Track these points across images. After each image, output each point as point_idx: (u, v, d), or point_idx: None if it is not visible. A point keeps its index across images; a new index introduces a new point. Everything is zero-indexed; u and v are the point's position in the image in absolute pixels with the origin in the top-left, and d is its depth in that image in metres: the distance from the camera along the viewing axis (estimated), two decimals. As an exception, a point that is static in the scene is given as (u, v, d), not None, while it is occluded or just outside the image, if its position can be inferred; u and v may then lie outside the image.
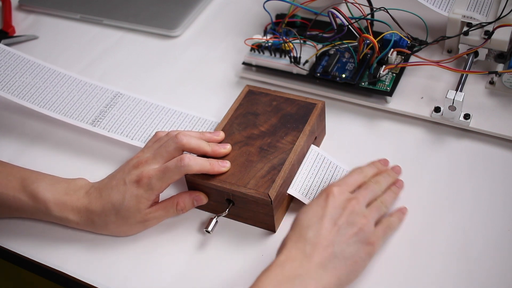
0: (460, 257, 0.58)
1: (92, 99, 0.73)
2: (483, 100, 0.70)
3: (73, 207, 0.61)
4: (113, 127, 0.70)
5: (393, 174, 0.62)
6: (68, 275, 0.61)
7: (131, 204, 0.59)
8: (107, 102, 0.72)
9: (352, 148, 0.69)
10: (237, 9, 0.91)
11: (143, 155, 0.61)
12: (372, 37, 0.69)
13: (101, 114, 0.70)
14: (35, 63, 0.76)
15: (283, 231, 0.62)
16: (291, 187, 0.61)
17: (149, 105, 0.72)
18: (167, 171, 0.59)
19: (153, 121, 0.70)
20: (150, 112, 0.71)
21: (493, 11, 0.72)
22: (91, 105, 0.72)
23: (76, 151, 0.72)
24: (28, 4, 0.96)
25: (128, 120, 0.70)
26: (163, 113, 0.71)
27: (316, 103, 0.67)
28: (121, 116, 0.71)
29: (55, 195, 0.61)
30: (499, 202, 0.62)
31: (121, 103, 0.72)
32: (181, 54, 0.85)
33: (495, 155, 0.66)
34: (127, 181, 0.59)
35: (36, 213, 0.62)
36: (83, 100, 0.72)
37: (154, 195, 0.59)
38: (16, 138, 0.75)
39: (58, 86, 0.74)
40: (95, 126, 0.70)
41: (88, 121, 0.70)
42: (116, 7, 0.92)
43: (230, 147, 0.62)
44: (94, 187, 0.62)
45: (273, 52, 0.75)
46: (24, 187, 0.61)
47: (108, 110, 0.71)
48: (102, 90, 0.74)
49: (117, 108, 0.71)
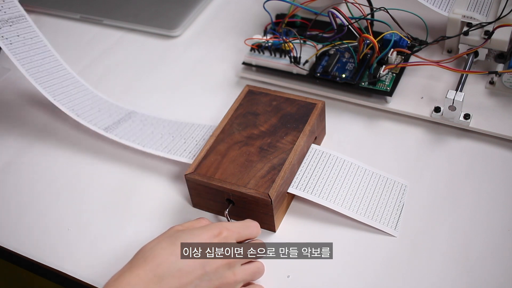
0: (460, 257, 0.58)
1: (105, 113, 0.72)
2: (483, 100, 0.70)
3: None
4: (124, 136, 0.69)
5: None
6: (68, 275, 0.61)
7: None
8: (120, 117, 0.72)
9: (352, 148, 0.69)
10: (237, 9, 0.91)
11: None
12: (372, 37, 0.69)
13: (113, 124, 0.70)
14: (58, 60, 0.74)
15: (283, 231, 0.62)
16: (292, 186, 0.61)
17: (163, 121, 0.72)
18: None
19: (167, 131, 0.70)
20: (167, 126, 0.71)
21: (493, 11, 0.72)
22: (103, 117, 0.72)
23: (76, 150, 0.72)
24: (28, 4, 0.96)
25: (142, 131, 0.70)
26: (182, 127, 0.71)
27: (316, 103, 0.67)
28: (135, 128, 0.70)
29: None
30: (499, 202, 0.62)
31: (135, 118, 0.72)
32: (181, 54, 0.85)
33: (495, 155, 0.66)
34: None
35: None
36: (95, 111, 0.72)
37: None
38: (16, 138, 0.75)
39: (74, 91, 0.73)
40: (107, 132, 0.69)
41: (101, 127, 0.70)
42: (116, 7, 0.92)
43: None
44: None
45: (273, 52, 0.75)
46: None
47: (121, 123, 0.71)
48: (118, 108, 0.73)
49: (130, 123, 0.71)
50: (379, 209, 0.62)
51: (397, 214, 0.61)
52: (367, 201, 0.62)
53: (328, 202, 0.61)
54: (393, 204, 0.62)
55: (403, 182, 0.64)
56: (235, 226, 0.56)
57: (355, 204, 0.61)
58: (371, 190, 0.63)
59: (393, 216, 0.61)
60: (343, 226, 0.61)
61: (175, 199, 0.65)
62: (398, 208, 0.62)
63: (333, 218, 0.62)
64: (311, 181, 0.62)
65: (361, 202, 0.62)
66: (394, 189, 0.64)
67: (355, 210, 0.61)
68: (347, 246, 0.60)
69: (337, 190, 0.62)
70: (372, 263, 0.58)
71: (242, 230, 0.56)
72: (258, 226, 0.58)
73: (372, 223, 0.60)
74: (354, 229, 0.61)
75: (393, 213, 0.62)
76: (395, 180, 0.64)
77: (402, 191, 0.63)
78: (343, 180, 0.63)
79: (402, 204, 0.62)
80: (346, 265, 0.58)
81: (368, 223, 0.60)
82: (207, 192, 0.62)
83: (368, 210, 0.61)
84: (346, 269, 0.58)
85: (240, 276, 0.54)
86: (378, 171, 0.65)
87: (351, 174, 0.64)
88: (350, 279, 0.57)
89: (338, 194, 0.62)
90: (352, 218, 0.61)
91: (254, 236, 0.57)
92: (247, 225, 0.57)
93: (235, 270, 0.53)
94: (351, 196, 0.62)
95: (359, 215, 0.61)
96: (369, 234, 0.60)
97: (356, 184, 0.63)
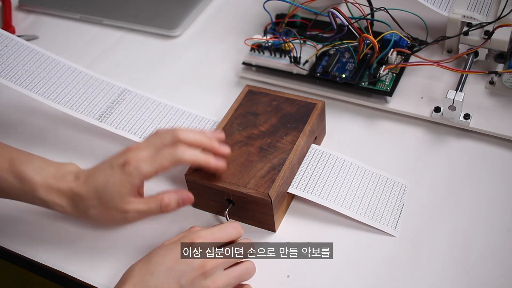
0: (460, 257, 0.58)
1: (99, 94, 0.71)
2: (483, 100, 0.70)
3: (60, 191, 0.58)
4: (120, 124, 0.68)
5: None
6: (68, 275, 0.61)
7: (113, 189, 0.56)
8: (114, 98, 0.71)
9: (352, 148, 0.69)
10: (237, 9, 0.91)
11: (137, 144, 0.58)
12: (372, 37, 0.69)
13: (108, 110, 0.69)
14: (39, 53, 0.73)
15: (283, 231, 0.62)
16: (292, 186, 0.61)
17: (157, 103, 0.72)
18: (158, 155, 0.56)
19: (161, 120, 0.70)
20: (158, 111, 0.71)
21: (493, 11, 0.72)
22: (98, 100, 0.70)
23: (76, 150, 0.72)
24: (28, 4, 0.96)
25: (136, 117, 0.70)
26: (172, 112, 0.71)
27: (316, 103, 0.67)
28: (129, 113, 0.70)
29: (43, 178, 0.58)
30: (499, 202, 0.62)
31: (129, 100, 0.71)
32: (181, 54, 0.85)
33: (495, 155, 0.66)
34: (114, 164, 0.57)
35: (23, 195, 0.60)
36: (89, 94, 0.70)
37: (139, 180, 0.56)
38: (16, 138, 0.75)
39: (63, 78, 0.71)
40: (102, 122, 0.68)
41: (94, 116, 0.69)
42: (116, 7, 0.92)
43: (229, 149, 0.61)
44: (83, 172, 0.59)
45: (273, 52, 0.75)
46: (12, 167, 0.59)
47: (115, 106, 0.70)
48: (109, 85, 0.72)
49: (124, 105, 0.70)
50: (379, 209, 0.62)
51: (397, 214, 0.61)
52: (367, 201, 0.62)
53: (328, 202, 0.61)
54: (393, 204, 0.62)
55: (403, 182, 0.64)
56: (209, 232, 0.55)
57: (355, 204, 0.61)
58: (371, 190, 0.63)
59: (393, 216, 0.61)
60: (343, 226, 0.61)
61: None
62: (398, 208, 0.62)
63: (333, 218, 0.62)
64: (311, 181, 0.62)
65: (361, 202, 0.62)
66: (394, 189, 0.64)
67: (355, 210, 0.61)
68: (347, 246, 0.60)
69: (337, 190, 0.62)
70: (372, 263, 0.58)
71: (218, 234, 0.55)
72: (238, 226, 0.56)
73: (372, 223, 0.60)
74: (354, 229, 0.61)
75: (393, 213, 0.62)
76: (395, 180, 0.64)
77: (402, 191, 0.63)
78: (343, 180, 0.63)
79: (402, 204, 0.62)
80: (346, 265, 0.58)
81: (368, 223, 0.60)
82: (207, 192, 0.62)
83: (368, 210, 0.61)
84: (346, 269, 0.58)
85: (222, 282, 0.52)
86: (378, 171, 0.65)
87: (351, 174, 0.64)
88: (350, 279, 0.57)
89: (338, 194, 0.62)
90: (352, 218, 0.61)
91: (235, 237, 0.56)
92: (223, 228, 0.56)
93: (214, 278, 0.52)
94: (351, 196, 0.62)
95: (359, 215, 0.61)
96: (369, 234, 0.60)
97: (356, 184, 0.63)
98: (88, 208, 0.58)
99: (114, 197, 0.56)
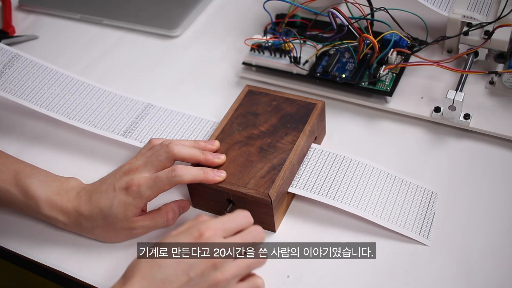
0: (460, 257, 0.58)
1: (123, 111, 0.72)
2: (483, 100, 0.70)
3: (62, 208, 0.60)
4: (144, 138, 0.69)
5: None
6: (68, 275, 0.61)
7: (118, 211, 0.58)
8: (138, 114, 0.71)
9: (352, 148, 0.69)
10: (237, 9, 0.91)
11: (135, 162, 0.60)
12: (372, 37, 0.69)
13: (132, 125, 0.70)
14: (58, 73, 0.74)
15: (283, 231, 0.62)
16: (292, 185, 0.61)
17: (181, 115, 0.71)
18: (158, 180, 0.58)
19: (186, 131, 0.70)
20: (182, 122, 0.71)
21: (493, 11, 0.72)
22: (122, 116, 0.71)
23: (76, 151, 0.72)
24: (28, 4, 0.96)
25: (161, 130, 0.70)
26: (196, 122, 0.71)
27: (316, 103, 0.67)
28: (153, 126, 0.70)
29: (47, 193, 0.60)
30: (499, 202, 0.62)
31: (152, 114, 0.72)
32: (181, 54, 0.85)
33: (495, 155, 0.66)
34: (116, 187, 0.59)
35: (26, 208, 0.61)
36: (113, 112, 0.72)
37: (142, 203, 0.59)
38: (16, 138, 0.75)
39: (88, 98, 0.73)
40: (127, 137, 0.69)
41: (119, 132, 0.70)
42: (116, 7, 0.92)
43: (224, 157, 0.62)
44: (85, 190, 0.61)
45: (273, 52, 0.75)
46: (16, 180, 0.61)
47: (139, 121, 0.71)
48: (133, 101, 0.73)
49: (148, 119, 0.71)
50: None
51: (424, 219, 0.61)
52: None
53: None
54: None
55: (402, 176, 0.64)
56: (219, 222, 0.53)
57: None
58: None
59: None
60: (343, 226, 0.61)
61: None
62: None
63: (333, 218, 0.62)
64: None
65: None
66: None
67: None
68: (347, 246, 0.60)
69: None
70: (372, 263, 0.58)
71: (228, 224, 0.54)
72: (248, 215, 0.55)
73: (373, 218, 0.60)
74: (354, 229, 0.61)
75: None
76: (395, 175, 0.64)
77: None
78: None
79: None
80: (346, 265, 0.58)
81: (368, 218, 0.60)
82: (207, 192, 0.62)
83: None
84: (346, 269, 0.58)
85: (231, 273, 0.52)
86: (379, 166, 0.64)
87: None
88: (350, 279, 0.57)
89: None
90: (352, 218, 0.61)
91: (245, 227, 0.55)
92: (233, 217, 0.54)
93: (223, 269, 0.52)
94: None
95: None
96: (369, 234, 0.60)
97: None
98: (93, 228, 0.60)
99: (120, 219, 0.59)
